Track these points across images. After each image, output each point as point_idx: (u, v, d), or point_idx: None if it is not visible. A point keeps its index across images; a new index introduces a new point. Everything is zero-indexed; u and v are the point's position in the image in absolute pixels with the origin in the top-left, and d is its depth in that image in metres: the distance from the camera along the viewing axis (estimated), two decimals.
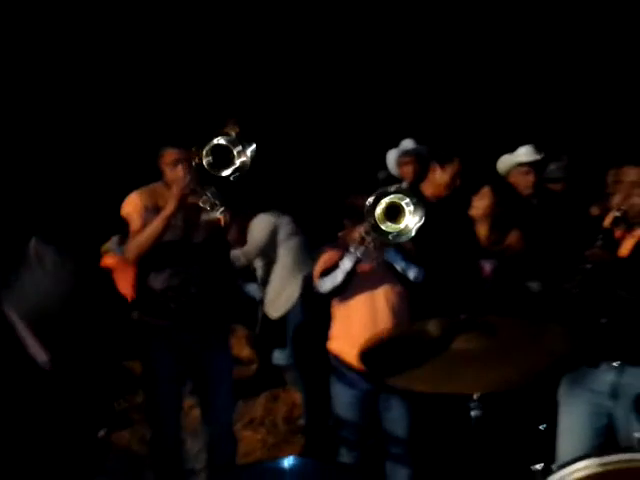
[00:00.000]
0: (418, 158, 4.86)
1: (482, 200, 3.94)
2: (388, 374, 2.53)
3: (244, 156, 3.29)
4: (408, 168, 5.00)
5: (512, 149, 4.72)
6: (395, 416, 3.57)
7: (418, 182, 4.25)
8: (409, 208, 3.23)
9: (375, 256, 3.39)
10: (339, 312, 3.63)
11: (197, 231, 3.64)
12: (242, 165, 3.29)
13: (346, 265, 3.41)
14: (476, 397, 2.39)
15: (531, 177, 4.61)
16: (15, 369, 3.07)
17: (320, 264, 3.60)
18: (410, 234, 3.25)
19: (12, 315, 3.09)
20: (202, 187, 3.43)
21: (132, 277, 3.96)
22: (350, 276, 3.44)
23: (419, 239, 3.30)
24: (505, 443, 3.36)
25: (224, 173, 3.30)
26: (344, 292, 3.52)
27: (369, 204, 3.22)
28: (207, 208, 3.46)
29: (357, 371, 3.43)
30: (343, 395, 3.62)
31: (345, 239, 3.53)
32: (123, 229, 3.89)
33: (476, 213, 3.93)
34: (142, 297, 3.76)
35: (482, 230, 3.92)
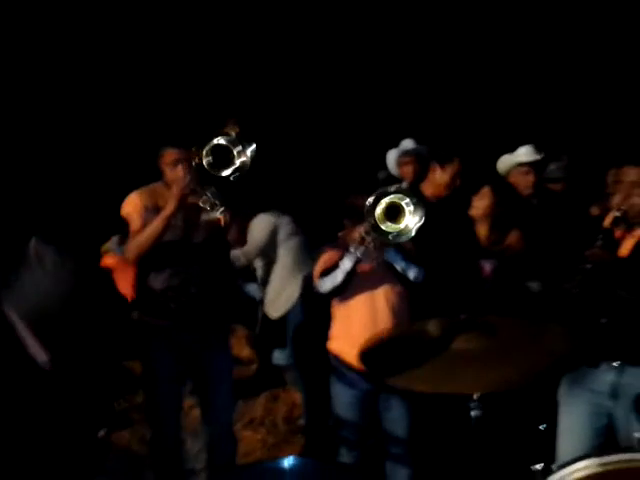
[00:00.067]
0: (418, 158, 4.86)
1: (482, 200, 3.94)
2: (388, 374, 2.53)
3: (244, 156, 3.28)
4: (408, 168, 5.00)
5: (512, 149, 4.72)
6: (395, 416, 3.57)
7: (418, 182, 4.25)
8: (409, 208, 3.23)
9: (375, 256, 3.39)
10: (339, 312, 3.63)
11: (197, 231, 3.64)
12: (242, 165, 3.29)
13: (346, 265, 3.41)
14: (476, 397, 2.39)
15: (531, 177, 4.61)
16: (15, 369, 3.07)
17: (320, 264, 3.60)
18: (410, 234, 3.25)
19: (12, 315, 3.09)
20: (202, 187, 3.43)
21: (132, 277, 3.96)
22: (350, 276, 3.44)
23: (419, 239, 3.30)
24: (505, 443, 3.36)
25: (224, 173, 3.30)
26: (344, 292, 3.52)
27: (369, 204, 3.22)
28: (207, 208, 3.46)
29: (357, 371, 3.43)
30: (343, 395, 3.61)
31: (345, 239, 3.52)
32: (123, 229, 3.89)
33: (476, 213, 3.93)
34: (142, 297, 3.75)
35: (482, 230, 3.92)
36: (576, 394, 3.15)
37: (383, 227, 3.24)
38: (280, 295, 4.90)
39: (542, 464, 2.28)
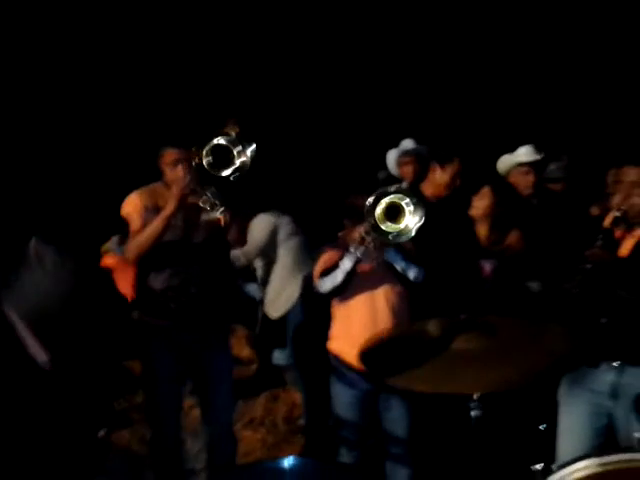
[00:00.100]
0: (418, 158, 4.86)
1: (482, 200, 3.94)
2: (388, 374, 2.53)
3: (244, 156, 3.28)
4: (408, 168, 5.00)
5: (512, 149, 4.72)
6: (395, 416, 3.57)
7: (418, 182, 4.25)
8: (409, 208, 3.23)
9: (375, 256, 3.39)
10: (339, 312, 3.63)
11: (197, 231, 3.64)
12: (242, 165, 3.29)
13: (346, 265, 3.41)
14: (476, 397, 2.39)
15: (531, 177, 4.61)
16: (15, 369, 3.07)
17: (320, 264, 3.60)
18: (410, 234, 3.25)
19: (12, 315, 3.10)
20: (202, 187, 3.42)
21: (132, 277, 3.96)
22: (350, 276, 3.44)
23: (419, 239, 3.30)
24: (505, 443, 3.36)
25: (224, 173, 3.30)
26: (344, 292, 3.52)
27: (369, 204, 3.22)
28: (207, 208, 3.46)
29: (357, 371, 3.43)
30: (343, 395, 3.61)
31: (345, 239, 3.53)
32: (123, 229, 3.89)
33: (476, 213, 3.92)
34: (142, 297, 3.75)
35: (482, 230, 3.92)
36: (576, 394, 3.15)
37: (383, 227, 3.24)
38: (280, 295, 4.89)
39: (542, 464, 2.28)
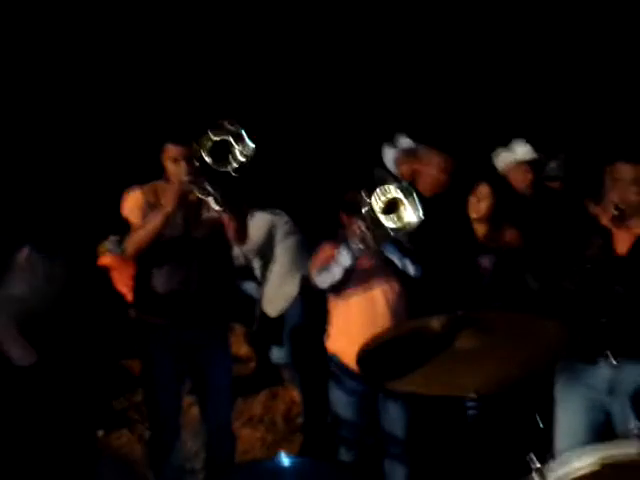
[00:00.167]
0: (417, 156, 4.86)
1: (482, 202, 3.88)
2: (386, 378, 2.53)
3: (244, 153, 3.28)
4: (407, 166, 5.00)
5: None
6: (393, 416, 3.57)
7: (417, 179, 4.27)
8: (409, 204, 3.22)
9: (374, 252, 3.39)
10: (337, 310, 3.62)
11: (198, 228, 3.63)
12: (242, 162, 3.28)
13: (345, 261, 3.40)
14: (473, 395, 2.39)
15: (530, 175, 4.62)
16: (8, 370, 3.07)
17: (319, 258, 3.59)
18: (410, 230, 3.25)
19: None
20: (203, 183, 3.41)
21: (130, 276, 3.96)
22: (349, 273, 3.44)
23: (417, 235, 3.31)
24: (503, 441, 3.36)
25: (225, 169, 3.29)
26: (343, 289, 3.52)
27: (369, 200, 3.22)
28: (208, 204, 3.45)
29: (355, 370, 3.42)
30: (341, 394, 3.61)
31: (345, 235, 3.52)
32: (120, 228, 3.88)
33: (477, 215, 3.89)
34: (140, 295, 3.75)
35: (480, 227, 3.90)
36: (573, 390, 3.16)
37: (383, 223, 3.24)
38: (278, 293, 4.89)
39: (540, 461, 2.28)
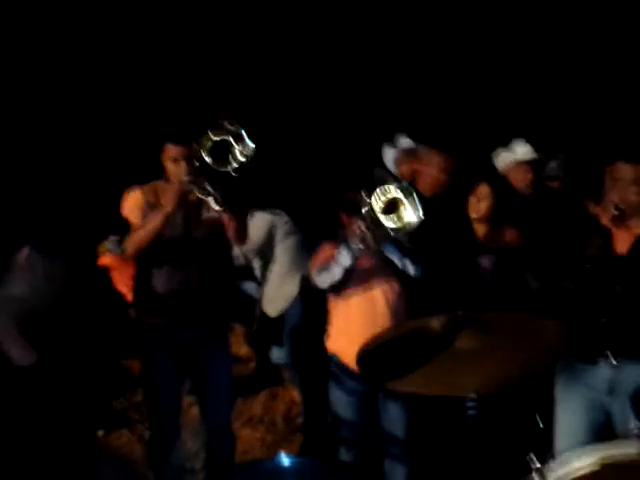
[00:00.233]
0: (417, 156, 4.86)
1: (483, 201, 3.88)
2: (386, 378, 2.53)
3: (244, 153, 3.28)
4: (407, 166, 5.00)
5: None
6: (393, 416, 3.57)
7: (417, 179, 4.27)
8: (409, 204, 3.22)
9: (374, 252, 3.39)
10: (337, 310, 3.62)
11: (198, 228, 3.63)
12: (242, 162, 3.28)
13: (345, 261, 3.40)
14: (473, 395, 2.39)
15: (530, 175, 4.62)
16: (8, 370, 3.07)
17: (319, 258, 3.59)
18: (410, 230, 3.25)
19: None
20: (203, 183, 3.41)
21: (130, 276, 3.96)
22: (350, 273, 3.44)
23: (417, 235, 3.31)
24: (503, 441, 3.36)
25: (225, 169, 3.29)
26: (343, 289, 3.52)
27: (369, 200, 3.22)
28: (208, 204, 3.45)
29: (355, 371, 3.42)
30: (341, 394, 3.61)
31: (345, 235, 3.52)
32: (120, 228, 3.87)
33: (477, 215, 3.89)
34: (140, 295, 3.75)
35: (480, 227, 3.90)
36: (573, 390, 3.16)
37: (383, 222, 3.24)
38: (278, 294, 4.89)
39: (540, 461, 2.28)
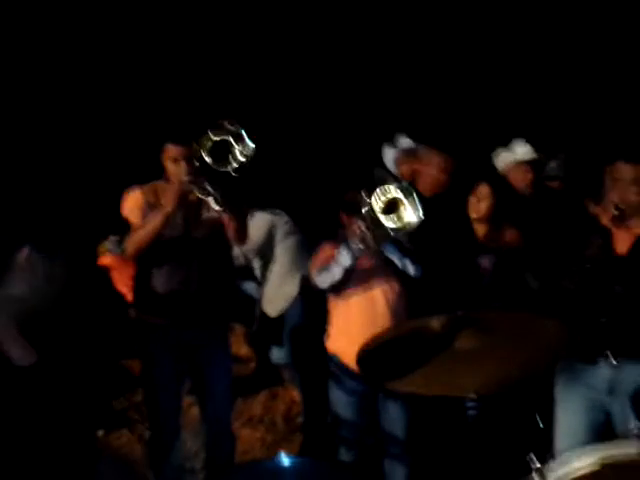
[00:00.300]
0: (417, 156, 4.86)
1: (483, 202, 3.88)
2: (386, 378, 2.53)
3: (244, 153, 3.28)
4: (407, 166, 5.00)
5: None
6: (393, 416, 3.57)
7: (417, 179, 4.27)
8: (409, 204, 3.22)
9: (374, 252, 3.39)
10: (337, 310, 3.62)
11: (198, 228, 3.63)
12: (242, 162, 3.28)
13: (345, 261, 3.40)
14: (473, 395, 2.39)
15: (530, 175, 4.62)
16: (8, 370, 3.07)
17: (319, 258, 3.59)
18: (410, 230, 3.25)
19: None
20: (203, 183, 3.41)
21: (130, 276, 3.95)
22: (350, 273, 3.44)
23: (417, 235, 3.31)
24: (503, 441, 3.36)
25: (225, 169, 3.29)
26: (343, 289, 3.52)
27: (369, 200, 3.22)
28: (208, 204, 3.45)
29: (355, 371, 3.42)
30: (341, 394, 3.61)
31: (345, 235, 3.52)
32: (120, 228, 3.87)
33: (477, 215, 3.89)
34: (140, 295, 3.75)
35: (480, 227, 3.90)
36: (573, 390, 3.16)
37: (383, 222, 3.24)
38: (278, 293, 4.89)
39: (540, 461, 2.28)
